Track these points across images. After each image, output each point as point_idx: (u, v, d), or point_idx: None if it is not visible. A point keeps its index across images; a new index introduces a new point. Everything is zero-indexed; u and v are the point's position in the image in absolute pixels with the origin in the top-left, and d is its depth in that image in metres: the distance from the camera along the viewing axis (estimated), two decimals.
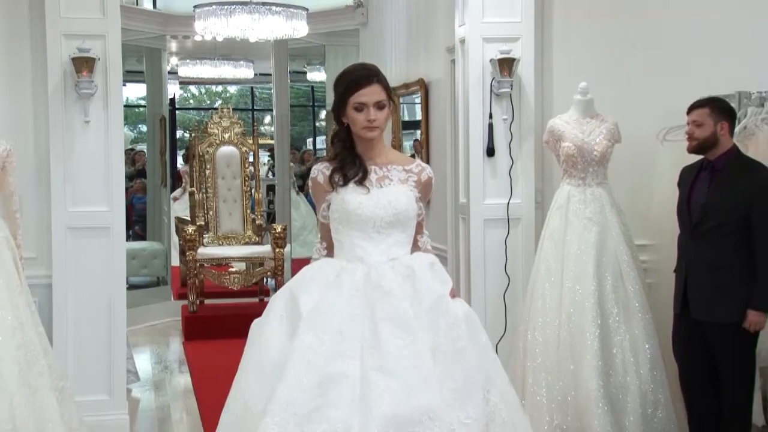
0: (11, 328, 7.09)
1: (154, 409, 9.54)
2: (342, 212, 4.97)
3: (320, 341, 4.58)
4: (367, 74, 5.06)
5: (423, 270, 4.94)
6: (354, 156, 5.07)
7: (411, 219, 5.07)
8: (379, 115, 4.98)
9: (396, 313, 4.68)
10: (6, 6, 7.85)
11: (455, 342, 4.76)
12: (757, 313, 6.74)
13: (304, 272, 5.06)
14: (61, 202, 7.81)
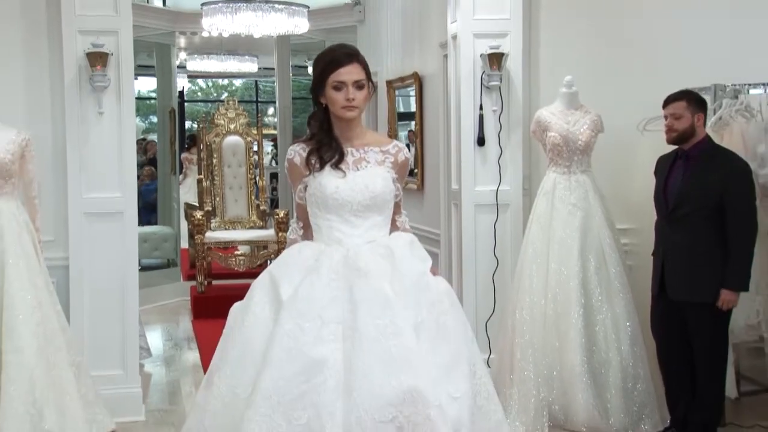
0: (31, 307, 7.13)
1: (165, 383, 9.55)
2: (319, 196, 4.76)
3: (301, 328, 4.40)
4: (346, 53, 4.82)
5: (402, 249, 4.73)
6: (331, 138, 4.84)
7: (388, 201, 4.85)
8: (358, 95, 4.75)
9: (374, 293, 4.48)
10: (24, 4, 7.84)
11: (438, 317, 4.60)
12: (729, 292, 6.83)
13: (284, 256, 4.89)
14: (76, 188, 7.82)
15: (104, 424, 7.44)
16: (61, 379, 7.17)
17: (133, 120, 8.16)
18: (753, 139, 7.54)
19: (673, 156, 7.19)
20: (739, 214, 6.86)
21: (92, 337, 7.80)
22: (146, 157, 16.59)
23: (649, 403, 7.49)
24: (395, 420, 4.23)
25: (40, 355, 7.08)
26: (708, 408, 7.04)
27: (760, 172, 7.40)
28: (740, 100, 7.69)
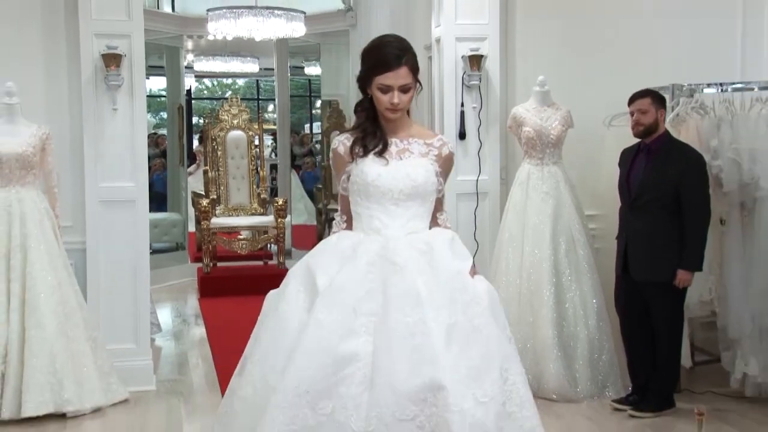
0: (51, 287, 7.19)
1: (174, 356, 9.54)
2: (361, 183, 4.33)
3: (334, 319, 3.99)
4: (396, 54, 4.33)
5: (441, 245, 4.27)
6: (376, 127, 4.42)
7: (430, 193, 4.40)
8: (404, 98, 4.32)
9: (406, 290, 4.05)
10: (44, 9, 7.83)
11: (473, 319, 4.10)
12: (686, 273, 6.97)
13: (322, 245, 4.43)
14: (93, 178, 7.79)
15: (118, 394, 7.47)
16: (79, 353, 7.26)
17: (144, 116, 8.15)
18: (707, 133, 7.59)
19: (635, 149, 7.26)
20: (694, 203, 6.98)
21: (107, 314, 7.79)
22: (158, 149, 16.56)
23: (613, 373, 7.57)
24: (416, 419, 3.87)
25: (59, 331, 7.17)
26: (666, 377, 7.14)
27: (713, 164, 7.42)
28: (695, 98, 7.77)
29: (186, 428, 7.09)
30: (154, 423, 7.18)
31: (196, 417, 7.36)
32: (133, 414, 7.35)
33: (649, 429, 6.87)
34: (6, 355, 7.04)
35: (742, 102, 7.73)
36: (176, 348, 9.98)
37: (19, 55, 7.82)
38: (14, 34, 7.82)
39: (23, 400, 6.96)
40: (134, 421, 7.19)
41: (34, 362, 7.03)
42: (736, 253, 7.53)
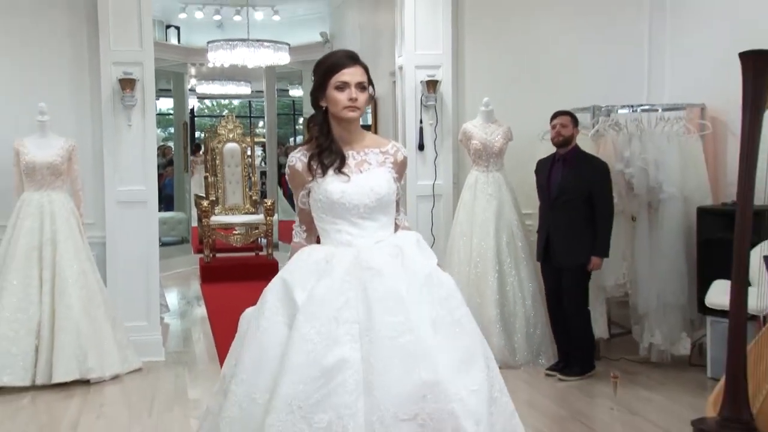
0: (76, 274, 7.23)
1: (180, 332, 9.55)
2: (325, 202, 3.76)
3: (318, 331, 3.48)
4: (348, 56, 3.88)
5: (411, 247, 3.78)
6: (330, 141, 3.83)
7: (392, 201, 3.88)
8: (360, 96, 3.79)
9: (388, 292, 3.56)
10: (71, 41, 7.84)
11: (453, 312, 3.66)
12: (598, 259, 7.15)
13: (295, 261, 3.85)
14: (111, 183, 7.79)
15: (133, 363, 7.50)
16: (100, 329, 7.29)
17: (154, 131, 8.16)
18: (621, 146, 7.67)
19: (551, 159, 7.38)
20: (602, 202, 7.14)
21: (123, 297, 7.79)
22: (165, 159, 16.53)
23: (545, 344, 7.64)
24: (417, 417, 3.42)
25: (84, 311, 7.21)
26: (583, 346, 7.24)
27: (626, 171, 7.53)
28: (612, 117, 7.85)
29: (190, 392, 7.07)
30: (164, 388, 7.17)
31: (199, 382, 7.35)
32: (146, 380, 7.36)
33: (575, 390, 6.94)
34: (39, 331, 7.06)
35: (648, 120, 7.85)
36: (181, 325, 9.98)
37: (50, 79, 7.83)
38: (45, 62, 7.84)
39: (54, 369, 7.00)
40: (147, 386, 7.18)
41: (63, 337, 7.07)
42: (644, 244, 7.62)
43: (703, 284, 7.19)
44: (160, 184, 12.00)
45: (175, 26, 15.45)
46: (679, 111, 7.93)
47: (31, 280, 7.16)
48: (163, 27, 15.09)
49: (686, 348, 7.65)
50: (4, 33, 7.76)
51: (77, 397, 6.84)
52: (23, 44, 7.79)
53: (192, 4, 13.72)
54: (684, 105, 8.03)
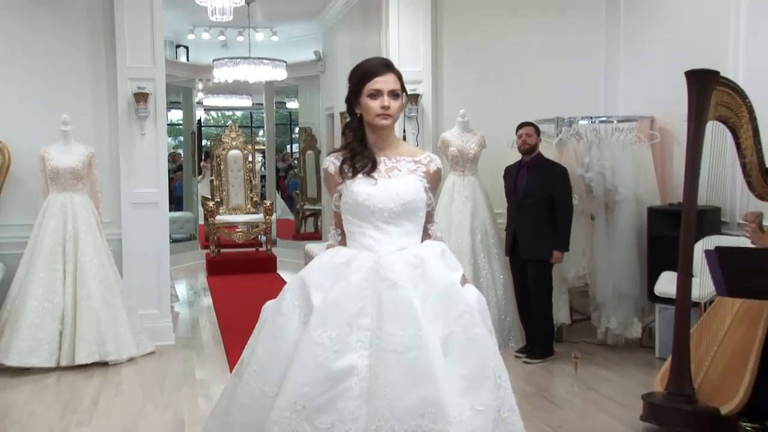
0: (96, 267, 7.27)
1: (188, 319, 9.53)
2: (351, 204, 3.48)
3: (329, 336, 3.21)
4: (383, 63, 3.57)
5: (433, 258, 3.42)
6: (364, 147, 3.55)
7: (420, 209, 3.51)
8: (393, 103, 3.47)
9: (401, 304, 3.23)
10: (91, 59, 7.85)
11: (467, 329, 3.28)
12: (559, 252, 7.20)
13: (317, 261, 3.55)
14: (126, 185, 7.82)
15: (146, 347, 7.53)
16: (117, 316, 7.33)
17: (165, 139, 8.17)
18: (581, 153, 7.72)
19: (517, 165, 7.44)
20: (562, 202, 7.19)
21: (138, 288, 7.80)
22: (175, 165, 16.55)
23: (515, 329, 7.67)
24: None
25: (102, 300, 7.24)
26: (545, 332, 7.30)
27: (586, 175, 7.59)
28: (573, 127, 7.90)
29: (197, 373, 7.09)
30: (174, 369, 7.20)
31: (205, 365, 7.37)
32: (158, 362, 7.39)
33: (540, 369, 7.01)
34: (63, 318, 7.10)
35: (605, 130, 7.91)
36: (190, 313, 9.96)
37: (72, 93, 7.84)
38: (68, 77, 7.85)
39: (76, 352, 7.05)
40: (159, 368, 7.21)
41: (84, 323, 7.11)
42: (601, 240, 7.68)
43: (652, 276, 7.25)
44: (171, 187, 12.04)
45: (185, 46, 15.49)
46: (631, 122, 8.00)
47: (55, 273, 7.17)
48: (174, 46, 15.10)
49: (638, 332, 7.68)
50: (30, 51, 7.76)
51: (97, 377, 6.86)
52: (48, 61, 7.79)
53: (199, 26, 13.76)
54: (636, 117, 8.13)
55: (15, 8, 7.71)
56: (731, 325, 5.59)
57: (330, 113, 13.55)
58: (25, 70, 7.76)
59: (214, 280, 12.41)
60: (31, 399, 6.34)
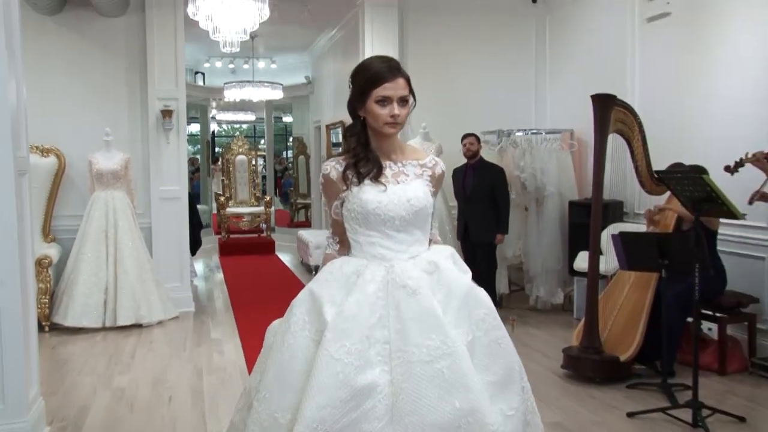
0: (131, 249, 7.32)
1: (204, 291, 9.52)
2: (359, 212, 2.69)
3: (347, 351, 2.47)
4: (390, 66, 2.74)
5: (446, 263, 2.71)
6: (368, 151, 2.76)
7: (428, 215, 2.78)
8: (403, 111, 2.71)
9: (423, 312, 2.52)
10: (128, 83, 7.82)
11: (489, 332, 2.62)
12: (500, 235, 7.22)
13: (325, 273, 2.75)
14: (155, 184, 7.82)
15: (172, 312, 7.55)
16: (148, 288, 7.37)
17: (185, 147, 8.13)
18: (518, 158, 7.77)
19: (463, 168, 7.44)
20: (501, 196, 7.22)
21: (164, 265, 7.78)
22: (193, 167, 16.59)
23: None
24: None
25: (137, 275, 7.29)
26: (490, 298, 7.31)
27: (521, 175, 7.65)
28: (511, 138, 7.94)
29: (212, 333, 7.09)
30: (194, 330, 7.23)
31: (218, 327, 7.36)
32: (181, 325, 7.41)
33: None
34: (107, 289, 7.16)
35: (536, 140, 7.91)
36: (206, 286, 9.96)
37: (113, 111, 7.82)
38: (110, 98, 7.83)
39: (117, 316, 7.12)
40: (182, 329, 7.25)
41: (122, 294, 7.17)
42: (533, 227, 7.76)
43: (572, 254, 7.35)
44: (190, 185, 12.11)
45: (201, 72, 15.50)
46: (556, 134, 8.03)
47: (100, 254, 7.22)
48: (193, 73, 15.12)
49: (560, 299, 7.77)
50: (82, 78, 7.73)
51: (133, 336, 6.91)
52: (95, 86, 7.78)
53: (213, 57, 13.78)
54: (560, 130, 8.16)
55: (72, 46, 7.70)
56: (628, 291, 5.68)
57: (317, 126, 13.55)
58: (78, 93, 7.74)
59: (225, 259, 12.44)
60: (84, 352, 6.40)
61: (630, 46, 7.32)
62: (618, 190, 7.45)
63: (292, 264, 11.82)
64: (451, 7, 8.57)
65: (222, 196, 14.47)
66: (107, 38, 7.79)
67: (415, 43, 8.71)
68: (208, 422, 4.65)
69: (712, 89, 6.26)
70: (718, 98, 6.19)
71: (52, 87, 7.60)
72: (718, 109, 6.18)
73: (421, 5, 8.71)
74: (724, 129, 6.06)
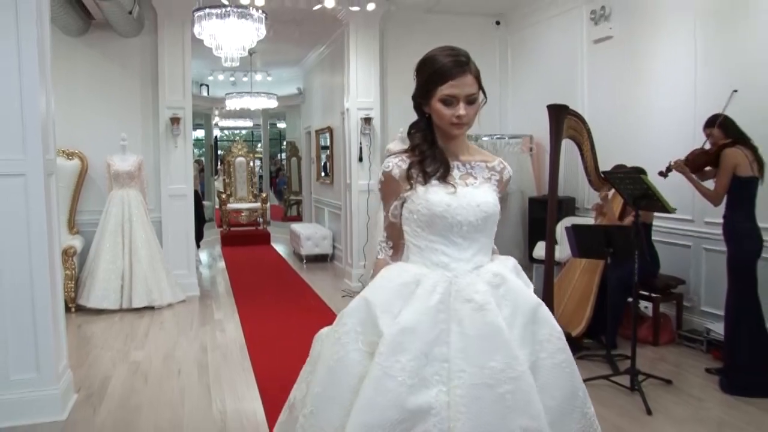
0: (144, 241, 7.33)
1: (209, 277, 9.50)
2: (424, 214, 2.18)
3: (402, 367, 2.00)
4: (457, 61, 2.16)
5: (512, 275, 2.22)
6: (435, 150, 2.25)
7: (495, 223, 2.28)
8: (470, 110, 2.17)
9: (489, 330, 2.04)
10: (142, 95, 7.82)
11: (554, 354, 2.12)
12: None
13: (381, 281, 2.19)
14: (165, 183, 7.81)
15: (180, 296, 7.56)
16: (159, 275, 7.38)
17: (191, 150, 8.12)
18: None
19: None
20: None
21: (173, 254, 7.77)
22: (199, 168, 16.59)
23: None
24: None
25: (149, 264, 7.31)
26: None
27: None
28: (478, 142, 7.79)
29: (215, 315, 7.09)
30: (199, 312, 7.23)
31: (221, 309, 7.36)
32: (188, 307, 7.43)
33: None
34: (123, 276, 7.17)
35: (500, 144, 7.99)
36: (210, 273, 9.94)
37: (128, 118, 7.83)
38: (126, 108, 7.83)
39: (132, 299, 7.15)
40: (189, 311, 7.25)
41: (137, 280, 7.19)
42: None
43: (531, 244, 7.39)
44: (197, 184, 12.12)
45: (206, 84, 15.42)
46: (518, 138, 8.08)
47: (117, 245, 7.23)
48: (198, 85, 15.05)
49: None
50: (102, 91, 7.74)
51: (147, 317, 6.93)
52: (113, 97, 7.78)
53: (216, 71, 13.74)
54: (521, 135, 8.20)
55: (94, 63, 7.71)
56: (579, 276, 5.76)
57: (308, 131, 13.52)
58: (98, 103, 7.74)
59: (226, 249, 12.46)
60: (104, 331, 6.43)
61: (580, 63, 7.40)
62: (571, 187, 7.53)
63: (286, 253, 11.88)
64: (426, 28, 8.59)
65: (223, 193, 14.50)
66: (125, 56, 7.81)
67: (394, 58, 8.69)
68: (212, 391, 4.71)
69: (648, 101, 6.38)
70: (653, 109, 6.32)
71: (76, 98, 7.62)
72: (654, 118, 6.30)
73: (400, 26, 8.70)
74: (659, 135, 6.20)
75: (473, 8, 8.00)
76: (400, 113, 8.70)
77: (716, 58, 5.58)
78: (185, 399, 4.58)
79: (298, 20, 9.12)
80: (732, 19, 5.43)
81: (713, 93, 5.45)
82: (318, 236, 10.62)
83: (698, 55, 5.77)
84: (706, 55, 5.68)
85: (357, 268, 8.55)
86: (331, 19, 8.65)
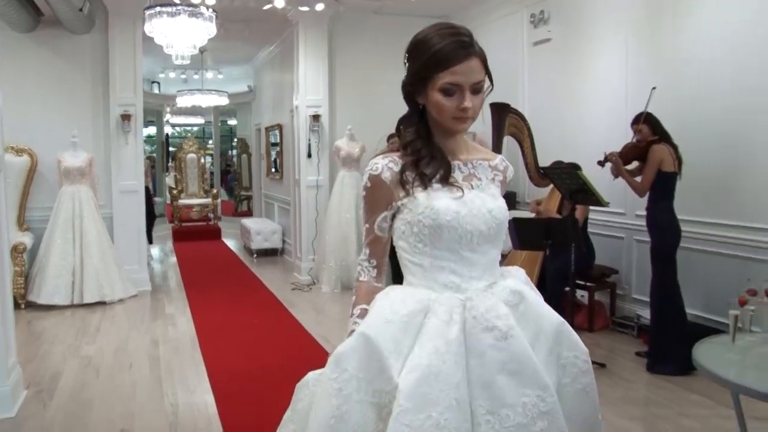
0: (95, 236, 7.25)
1: (160, 272, 9.45)
2: (428, 225, 1.70)
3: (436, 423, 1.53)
4: (461, 43, 1.67)
5: (529, 291, 1.82)
6: (431, 148, 1.78)
7: (504, 232, 1.83)
8: (476, 101, 1.71)
9: (519, 363, 1.64)
10: (92, 91, 7.72)
11: (578, 378, 1.77)
12: None
13: (380, 311, 1.68)
14: (115, 179, 7.71)
15: (131, 291, 7.49)
16: (111, 270, 7.29)
17: (142, 147, 8.05)
18: None
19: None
20: None
21: (124, 250, 7.68)
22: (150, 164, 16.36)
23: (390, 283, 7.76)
24: None
25: (100, 258, 7.22)
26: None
27: None
28: None
29: (167, 309, 7.06)
30: (150, 306, 7.18)
31: (172, 303, 7.33)
32: (140, 302, 7.36)
33: None
34: (74, 271, 7.08)
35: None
36: (161, 268, 9.90)
37: (79, 115, 7.71)
38: (77, 104, 7.71)
39: (83, 294, 7.06)
40: (140, 306, 7.19)
41: (88, 275, 7.09)
42: None
43: None
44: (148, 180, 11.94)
45: (157, 81, 15.23)
46: None
47: (67, 241, 7.13)
48: (149, 82, 14.84)
49: None
50: (52, 87, 7.61)
51: (98, 312, 6.87)
52: (63, 94, 7.66)
53: (167, 68, 13.56)
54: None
55: (44, 59, 7.57)
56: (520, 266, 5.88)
57: (258, 128, 13.45)
58: (49, 100, 7.61)
59: (178, 244, 12.34)
60: (55, 326, 6.34)
61: (521, 64, 7.50)
62: (512, 182, 7.60)
63: (236, 248, 11.81)
64: (373, 26, 8.62)
65: (175, 189, 14.32)
66: (75, 53, 7.69)
67: (342, 57, 8.71)
68: (164, 384, 4.68)
69: (584, 100, 6.52)
70: (589, 107, 6.46)
71: (26, 95, 7.45)
72: (590, 115, 6.44)
73: (348, 26, 8.70)
74: (593, 132, 6.33)
75: (420, 10, 8.05)
76: (348, 111, 8.75)
77: (645, 58, 5.75)
78: (137, 392, 4.54)
79: (248, 19, 9.06)
80: (660, 23, 5.60)
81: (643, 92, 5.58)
82: (268, 231, 10.57)
83: (629, 56, 5.93)
84: (637, 56, 5.85)
85: (306, 262, 8.54)
86: (282, 19, 8.62)
